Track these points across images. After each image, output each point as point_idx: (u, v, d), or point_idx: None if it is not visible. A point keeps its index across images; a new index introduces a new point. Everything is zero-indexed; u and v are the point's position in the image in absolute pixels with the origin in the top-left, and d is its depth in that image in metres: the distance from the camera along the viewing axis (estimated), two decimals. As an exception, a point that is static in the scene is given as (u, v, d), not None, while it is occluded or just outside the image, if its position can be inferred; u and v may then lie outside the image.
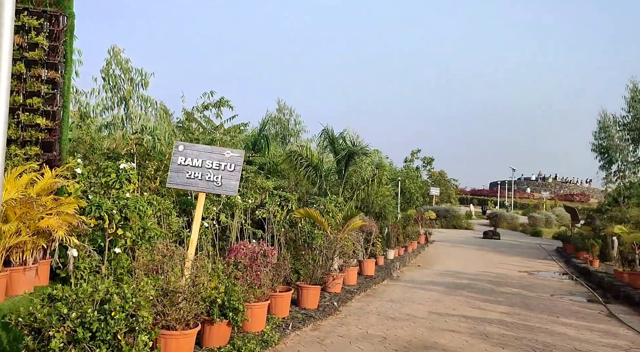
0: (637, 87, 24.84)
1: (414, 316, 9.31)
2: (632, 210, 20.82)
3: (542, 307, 11.10)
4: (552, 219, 42.58)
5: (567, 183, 75.42)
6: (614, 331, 9.16)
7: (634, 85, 24.97)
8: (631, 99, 25.02)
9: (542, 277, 16.82)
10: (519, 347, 7.42)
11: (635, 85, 25.01)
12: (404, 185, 31.50)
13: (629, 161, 25.40)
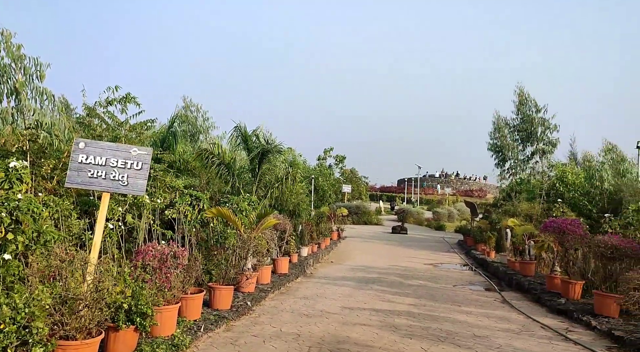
0: (522, 92, 27.22)
1: (327, 311, 9.47)
2: (522, 204, 22.76)
3: (445, 297, 11.79)
4: (454, 214, 45.40)
5: (467, 180, 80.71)
6: (507, 316, 9.95)
7: (520, 90, 27.36)
8: (519, 102, 27.38)
9: (446, 269, 17.86)
10: (425, 337, 7.81)
11: (521, 90, 27.40)
12: (317, 183, 31.93)
13: (519, 159, 27.75)
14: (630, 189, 20.67)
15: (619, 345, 7.83)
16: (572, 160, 30.57)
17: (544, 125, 26.87)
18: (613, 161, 27.76)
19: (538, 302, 11.74)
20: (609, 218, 14.10)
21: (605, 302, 9.46)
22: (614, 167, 26.64)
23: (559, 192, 23.47)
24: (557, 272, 12.56)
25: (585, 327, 9.08)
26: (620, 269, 10.22)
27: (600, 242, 10.41)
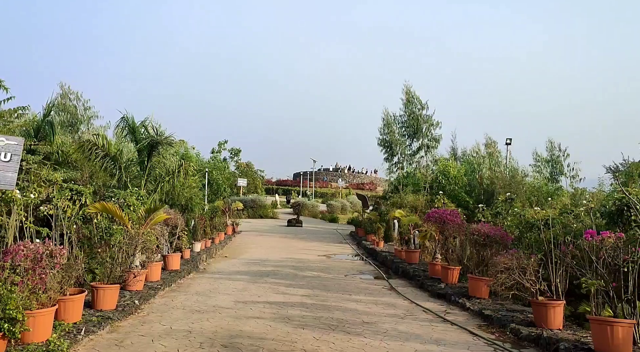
0: (409, 90, 28.96)
1: (220, 306, 9.34)
2: (408, 196, 24.19)
3: (337, 287, 12.19)
4: (347, 206, 47.01)
5: (360, 173, 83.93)
6: (394, 302, 10.55)
7: (407, 89, 29.09)
8: (406, 100, 29.11)
9: (339, 260, 18.47)
10: (317, 326, 8.02)
11: (408, 88, 29.14)
12: (211, 176, 31.22)
13: (406, 154, 29.51)
14: (501, 182, 22.90)
15: (488, 323, 8.68)
16: (453, 155, 33.13)
17: (428, 122, 28.78)
18: (490, 156, 30.61)
19: (421, 287, 12.59)
20: (482, 208, 15.50)
21: (478, 285, 10.41)
22: (490, 161, 29.38)
23: (441, 184, 25.28)
24: (438, 259, 13.55)
25: (461, 309, 9.92)
26: (491, 254, 11.29)
27: (474, 231, 11.41)
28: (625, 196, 8.32)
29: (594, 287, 6.82)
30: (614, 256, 6.97)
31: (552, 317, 7.83)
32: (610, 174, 21.52)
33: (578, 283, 7.41)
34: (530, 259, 8.64)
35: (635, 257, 6.93)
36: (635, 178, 13.23)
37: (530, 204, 17.70)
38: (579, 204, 13.40)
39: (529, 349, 7.14)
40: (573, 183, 29.60)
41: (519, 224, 13.40)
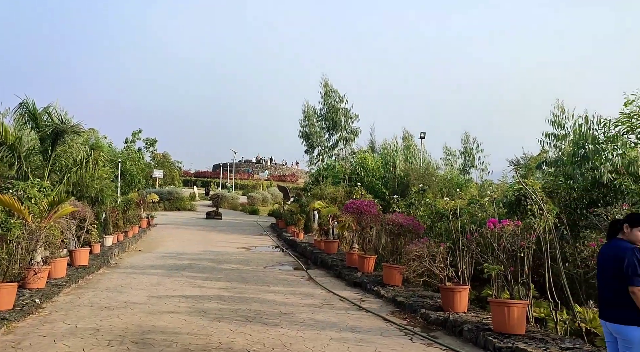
0: (327, 83, 29.37)
1: (132, 302, 8.95)
2: (328, 188, 24.60)
3: (256, 279, 12.13)
4: (268, 198, 46.86)
5: (281, 165, 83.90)
6: (312, 292, 10.70)
7: (325, 82, 29.49)
8: (325, 93, 29.49)
9: (258, 252, 18.39)
10: (234, 319, 7.94)
11: (326, 81, 29.54)
12: (124, 167, 29.77)
13: (326, 146, 29.92)
14: (416, 173, 23.93)
15: (400, 309, 9.06)
16: (371, 147, 34.06)
17: (346, 115, 29.34)
18: (407, 148, 31.81)
19: (339, 277, 12.87)
20: (397, 199, 16.11)
21: (392, 273, 10.82)
22: (406, 154, 30.53)
23: (360, 176, 25.92)
24: (356, 249, 13.91)
25: (376, 296, 10.27)
26: (404, 243, 11.77)
27: (388, 221, 11.83)
28: (523, 187, 9.00)
29: (494, 272, 7.33)
30: (512, 243, 7.52)
31: (458, 302, 8.32)
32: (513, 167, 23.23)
33: (482, 269, 7.93)
34: (439, 247, 9.11)
35: (530, 243, 7.54)
36: (533, 170, 14.37)
37: (442, 195, 18.68)
38: (484, 195, 14.32)
39: (437, 332, 7.54)
40: (482, 175, 31.58)
41: (430, 214, 14.11)
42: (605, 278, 4.26)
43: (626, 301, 4.02)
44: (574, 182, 11.38)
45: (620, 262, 4.07)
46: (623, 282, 4.04)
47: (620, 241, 4.26)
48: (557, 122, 13.62)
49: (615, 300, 4.12)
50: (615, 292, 4.11)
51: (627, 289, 4.02)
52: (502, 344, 6.34)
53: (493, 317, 7.06)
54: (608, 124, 11.84)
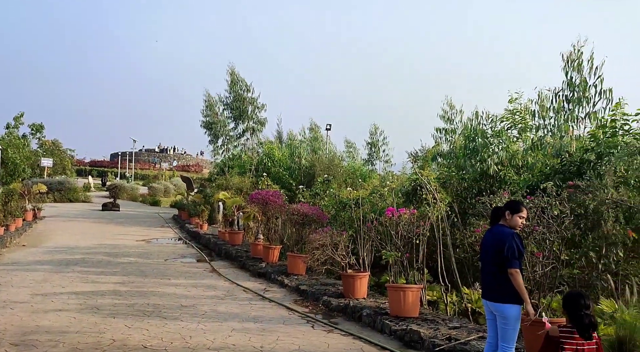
0: (234, 72, 28.80)
1: (13, 301, 8.17)
2: (234, 178, 24.19)
3: (156, 272, 11.64)
4: (171, 189, 45.11)
5: (185, 155, 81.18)
6: (214, 284, 10.48)
7: (232, 70, 28.89)
8: (231, 81, 28.89)
9: (159, 244, 17.65)
10: (130, 314, 7.55)
11: (232, 70, 28.94)
12: (5, 155, 27.08)
13: (231, 136, 29.35)
14: (322, 164, 24.30)
15: (303, 298, 9.19)
16: (279, 138, 34.03)
17: (253, 105, 28.99)
18: (314, 140, 32.14)
19: (243, 268, 12.74)
20: (302, 189, 16.26)
21: (296, 262, 10.92)
22: (313, 145, 30.84)
23: (266, 167, 25.79)
24: (261, 240, 13.85)
25: (280, 286, 10.31)
26: (309, 232, 11.93)
27: (294, 211, 11.90)
28: (418, 178, 9.50)
29: (391, 258, 7.66)
30: (408, 230, 7.90)
31: (358, 288, 8.60)
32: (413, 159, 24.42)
33: (381, 255, 8.26)
34: (342, 235, 9.34)
35: (424, 231, 7.98)
36: (429, 162, 15.23)
37: (346, 186, 19.17)
38: (385, 185, 14.92)
39: (337, 319, 7.74)
40: (386, 167, 32.82)
41: (334, 203, 14.43)
42: (488, 261, 4.60)
43: (505, 282, 4.38)
44: (465, 173, 12.21)
45: (501, 246, 4.41)
46: (503, 265, 4.39)
47: (502, 227, 4.61)
48: (447, 118, 14.50)
49: (495, 281, 4.47)
50: (496, 273, 4.46)
51: (506, 271, 4.38)
52: (397, 327, 6.66)
53: (390, 302, 7.39)
54: (495, 119, 12.86)
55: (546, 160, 11.14)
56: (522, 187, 10.16)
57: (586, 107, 11.47)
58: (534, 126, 12.36)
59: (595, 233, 7.91)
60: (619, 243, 7.84)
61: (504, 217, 4.64)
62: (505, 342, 4.40)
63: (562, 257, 7.85)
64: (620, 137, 8.79)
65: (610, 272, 7.89)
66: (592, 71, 11.39)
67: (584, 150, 9.55)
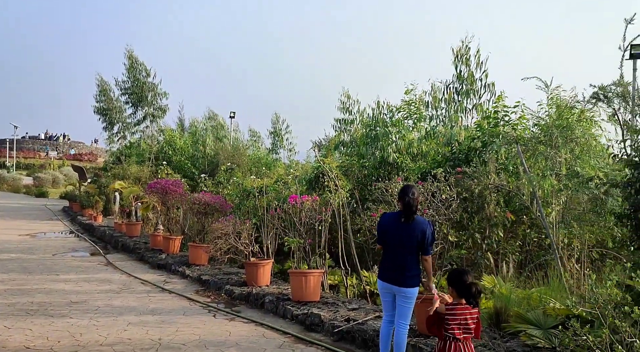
0: (132, 55, 27.25)
1: None
2: (132, 167, 22.94)
3: (42, 268, 10.77)
4: (60, 179, 41.83)
5: (77, 143, 75.47)
6: (109, 278, 9.93)
7: (130, 53, 27.31)
8: (129, 65, 27.29)
9: (47, 238, 16.33)
10: (11, 314, 6.91)
11: (130, 53, 27.36)
12: None
13: (129, 123, 27.77)
14: (225, 153, 23.84)
15: (206, 288, 9.02)
16: (180, 126, 32.78)
17: (154, 91, 27.65)
18: (214, 128, 31.31)
19: (142, 260, 12.20)
20: (204, 178, 15.87)
21: (198, 252, 10.66)
22: (217, 133, 30.04)
23: (167, 155, 24.76)
24: (160, 230, 13.33)
25: (181, 277, 10.02)
26: (212, 221, 11.69)
27: (195, 200, 11.58)
28: (321, 165, 9.68)
29: (294, 244, 7.76)
30: (310, 217, 8.04)
31: (261, 275, 8.60)
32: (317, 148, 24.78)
33: (285, 243, 8.32)
34: (245, 224, 9.27)
35: (326, 217, 8.16)
36: (332, 151, 15.55)
37: (252, 174, 19.00)
38: (290, 173, 15.01)
39: (240, 307, 7.70)
40: (290, 156, 32.95)
41: (238, 192, 14.25)
42: (403, 248, 4.63)
43: (415, 267, 4.60)
44: (366, 161, 12.64)
45: (422, 235, 4.55)
46: (419, 252, 4.58)
47: (419, 216, 4.76)
48: (345, 108, 14.90)
49: (410, 267, 4.62)
50: (411, 260, 4.60)
51: (418, 257, 4.58)
52: (299, 311, 6.78)
53: (292, 288, 7.49)
54: (393, 110, 13.42)
55: (439, 148, 11.87)
56: (417, 173, 10.75)
57: (473, 99, 12.37)
58: (427, 116, 13.09)
59: (480, 215, 8.61)
60: (499, 224, 8.60)
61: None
62: (404, 320, 4.63)
63: (452, 238, 8.51)
64: (501, 127, 9.59)
65: (492, 251, 8.65)
66: (479, 66, 12.28)
67: (471, 139, 10.29)
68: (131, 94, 27.33)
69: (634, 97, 7.45)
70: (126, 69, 27.53)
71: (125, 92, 27.52)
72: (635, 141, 4.24)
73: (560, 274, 6.38)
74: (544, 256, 8.08)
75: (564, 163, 7.31)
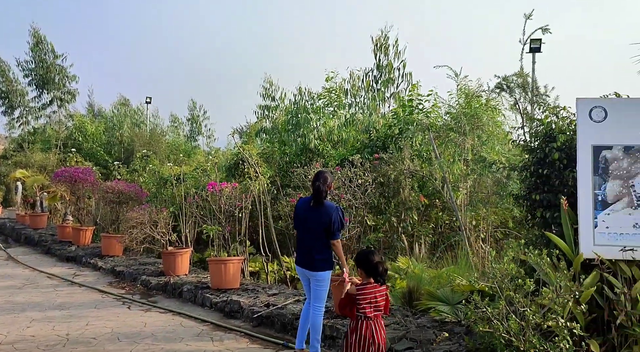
0: (38, 33, 25.20)
1: None
2: (36, 155, 21.34)
3: None
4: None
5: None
6: (11, 273, 9.23)
7: (35, 31, 25.24)
8: (34, 44, 25.22)
9: (-64, 233, 14.82)
10: None
11: (36, 31, 25.28)
12: None
13: (31, 107, 25.71)
14: (142, 140, 22.82)
15: (120, 279, 8.66)
16: (91, 111, 30.90)
17: (62, 74, 25.78)
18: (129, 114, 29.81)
19: (49, 253, 11.46)
20: (118, 166, 15.12)
21: (111, 243, 10.18)
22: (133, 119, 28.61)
23: (77, 142, 23.28)
24: (70, 221, 12.57)
25: (93, 269, 9.54)
26: (127, 211, 11.18)
27: (108, 188, 11.02)
28: (240, 152, 9.56)
29: (212, 232, 7.63)
30: (230, 204, 7.92)
31: (179, 265, 8.39)
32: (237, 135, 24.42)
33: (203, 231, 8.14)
34: (162, 212, 8.96)
35: (246, 204, 8.08)
36: (253, 138, 15.41)
37: (170, 162, 18.36)
38: (209, 160, 14.69)
39: (157, 297, 7.47)
40: (209, 143, 32.22)
41: (155, 180, 13.73)
42: (312, 233, 4.69)
43: (325, 252, 4.64)
44: (288, 147, 12.66)
45: (328, 220, 4.61)
46: (327, 237, 4.62)
47: (327, 201, 4.82)
48: (268, 95, 14.82)
49: (317, 251, 4.67)
50: (319, 245, 4.66)
51: (328, 242, 4.63)
52: (218, 299, 6.70)
53: (211, 276, 7.37)
54: (315, 97, 13.52)
55: (358, 135, 12.14)
56: (337, 160, 10.93)
57: (391, 88, 12.75)
58: (347, 104, 13.32)
59: (396, 200, 8.95)
60: (414, 208, 9.00)
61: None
62: (319, 303, 4.70)
63: (370, 222, 8.78)
64: (416, 115, 9.99)
65: (408, 234, 9.03)
66: (397, 55, 12.66)
67: (388, 126, 10.63)
68: (35, 75, 25.27)
69: (532, 88, 8.04)
70: (30, 48, 25.41)
71: (29, 74, 25.40)
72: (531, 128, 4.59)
73: (468, 254, 6.80)
74: (453, 237, 8.56)
75: (471, 149, 7.76)
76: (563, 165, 4.41)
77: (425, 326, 5.06)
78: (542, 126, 4.73)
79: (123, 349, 5.10)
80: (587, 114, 4.09)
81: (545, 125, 4.69)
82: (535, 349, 3.42)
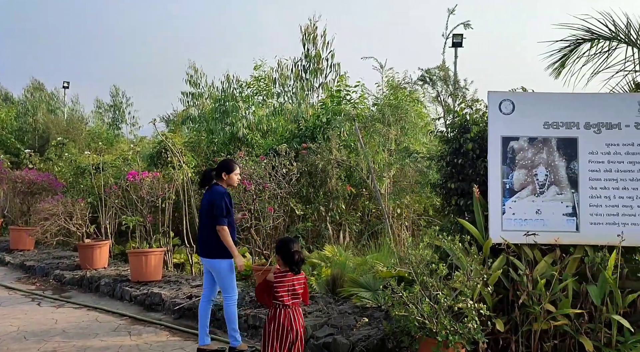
0: None
1: None
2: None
3: None
4: None
5: None
6: None
7: None
8: None
9: None
10: None
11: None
12: None
13: None
14: (58, 126, 21.41)
15: (30, 274, 8.13)
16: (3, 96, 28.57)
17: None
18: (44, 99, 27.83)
19: (-52, 249, 10.51)
20: (29, 154, 14.13)
21: (21, 236, 9.53)
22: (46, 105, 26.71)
23: (-16, 129, 21.43)
24: (-27, 214, 11.59)
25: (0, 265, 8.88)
26: (39, 202, 10.47)
27: (18, 178, 10.28)
28: (164, 140, 9.22)
29: (132, 223, 7.33)
30: (151, 194, 7.63)
31: (97, 258, 8.00)
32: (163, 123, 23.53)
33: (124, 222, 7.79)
34: (78, 203, 8.49)
35: (169, 194, 7.82)
36: (180, 126, 14.92)
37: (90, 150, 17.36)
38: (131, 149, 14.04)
39: (71, 292, 7.09)
40: (134, 131, 30.79)
41: (72, 169, 12.94)
42: (203, 220, 4.68)
43: (216, 239, 4.53)
44: (215, 136, 12.35)
45: (212, 204, 4.54)
46: (214, 223, 4.54)
47: (216, 186, 4.71)
48: (193, 82, 14.38)
49: (208, 238, 4.60)
50: (209, 231, 4.57)
51: (216, 228, 4.54)
52: (138, 291, 6.46)
53: (131, 268, 7.09)
54: (243, 85, 13.28)
55: (287, 125, 12.08)
56: (266, 149, 10.83)
57: (320, 78, 12.78)
58: (276, 93, 13.21)
59: (324, 189, 9.01)
60: (341, 197, 9.11)
61: (220, 178, 4.71)
62: (226, 293, 4.58)
63: (298, 212, 8.79)
64: (344, 105, 10.08)
65: (335, 222, 9.14)
66: (325, 45, 12.68)
67: (316, 116, 10.65)
68: None
69: (454, 81, 8.37)
70: None
71: None
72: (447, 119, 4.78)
73: (390, 241, 6.99)
74: (378, 225, 8.77)
75: (395, 139, 7.96)
76: (476, 155, 4.62)
77: (347, 312, 5.15)
78: (458, 118, 4.92)
79: (29, 348, 4.79)
80: (497, 106, 4.30)
81: (461, 117, 4.89)
82: (446, 330, 3.58)
